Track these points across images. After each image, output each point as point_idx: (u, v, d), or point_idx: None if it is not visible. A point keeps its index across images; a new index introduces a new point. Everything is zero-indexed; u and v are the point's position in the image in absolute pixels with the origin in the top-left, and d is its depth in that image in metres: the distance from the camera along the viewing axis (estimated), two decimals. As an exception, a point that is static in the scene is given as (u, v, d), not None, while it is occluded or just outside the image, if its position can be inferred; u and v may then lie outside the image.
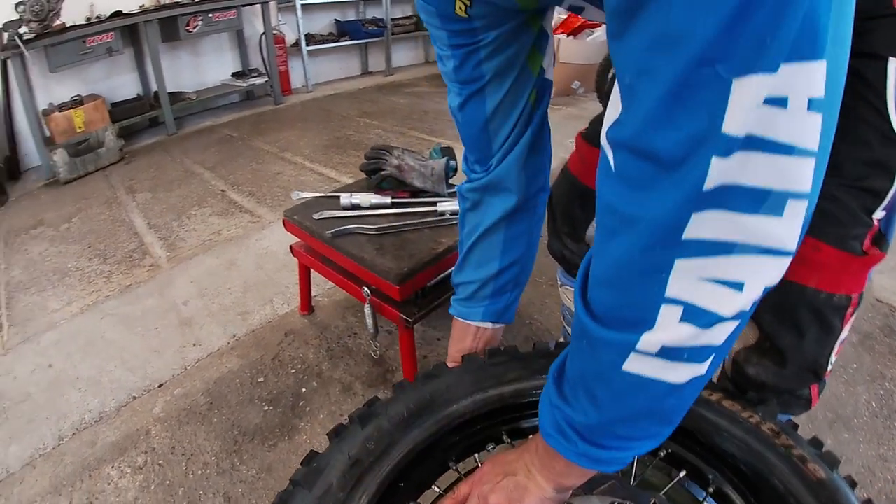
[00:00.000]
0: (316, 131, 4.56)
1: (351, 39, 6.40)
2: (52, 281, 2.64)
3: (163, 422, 1.72)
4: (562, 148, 2.23)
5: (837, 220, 0.79)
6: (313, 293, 2.20)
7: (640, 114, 0.44)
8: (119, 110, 4.59)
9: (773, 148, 0.41)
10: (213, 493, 1.46)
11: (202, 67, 5.45)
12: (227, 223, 3.02)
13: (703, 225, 0.44)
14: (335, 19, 6.48)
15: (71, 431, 1.73)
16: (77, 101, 4.14)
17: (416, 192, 1.85)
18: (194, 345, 2.08)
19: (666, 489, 0.86)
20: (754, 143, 0.41)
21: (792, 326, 0.88)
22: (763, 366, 0.94)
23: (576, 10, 0.83)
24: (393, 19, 6.69)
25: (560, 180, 1.29)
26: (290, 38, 5.92)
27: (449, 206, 1.70)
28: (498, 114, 0.94)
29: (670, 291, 0.48)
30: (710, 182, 0.42)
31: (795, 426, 0.88)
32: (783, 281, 0.48)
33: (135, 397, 1.84)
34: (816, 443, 0.82)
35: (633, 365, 0.54)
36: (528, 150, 0.97)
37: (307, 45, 5.91)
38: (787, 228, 0.44)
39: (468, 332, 1.11)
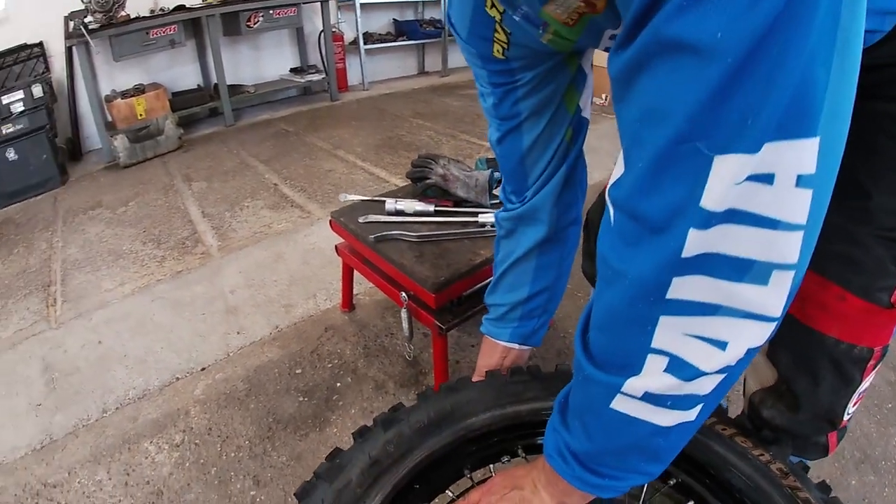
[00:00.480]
0: (369, 130, 4.65)
1: (408, 39, 6.49)
2: (106, 261, 2.78)
3: (202, 403, 1.81)
4: (598, 169, 2.25)
5: (865, 270, 0.78)
6: (355, 291, 2.27)
7: (631, 178, 0.48)
8: (179, 100, 4.77)
9: (756, 221, 0.42)
10: (243, 475, 1.54)
11: (261, 62, 5.61)
12: (278, 217, 3.12)
13: (686, 287, 0.47)
14: (393, 19, 6.58)
15: (115, 406, 1.83)
16: (139, 90, 4.32)
17: (460, 202, 1.89)
18: (238, 332, 2.17)
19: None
20: (736, 217, 0.42)
21: (808, 373, 0.88)
22: (778, 409, 0.94)
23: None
24: (451, 21, 6.72)
25: (597, 202, 1.31)
26: (349, 37, 6.04)
27: (490, 217, 1.74)
28: (534, 149, 0.97)
29: (656, 342, 0.51)
30: (688, 251, 0.45)
31: (806, 468, 0.89)
32: (803, 326, 0.51)
33: (178, 378, 1.94)
34: (824, 487, 0.83)
35: (620, 405, 0.58)
36: (561, 185, 1.00)
37: (365, 43, 6.01)
38: (773, 297, 0.46)
39: (496, 350, 1.16)
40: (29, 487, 1.56)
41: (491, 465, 1.00)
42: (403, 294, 1.65)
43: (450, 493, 0.96)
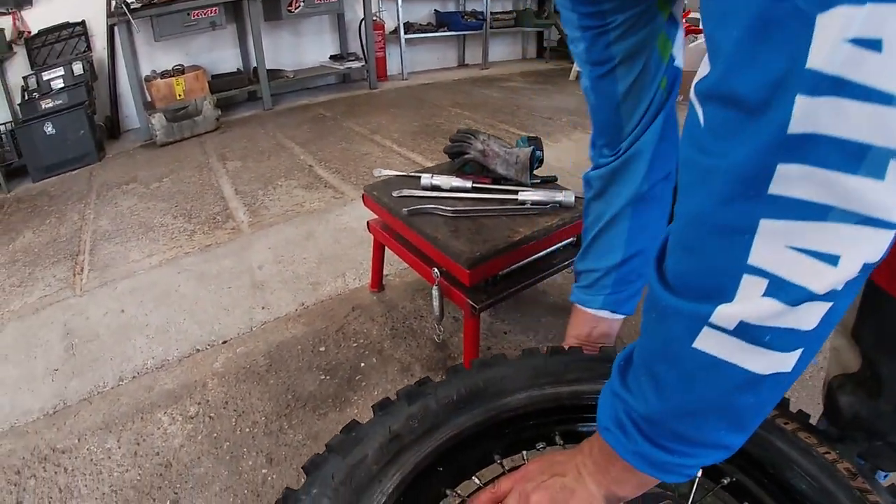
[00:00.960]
0: (407, 118, 4.57)
1: (449, 31, 6.40)
2: (136, 234, 2.75)
3: (221, 377, 1.73)
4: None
5: None
6: (385, 272, 2.18)
7: (722, 59, 0.41)
8: (218, 82, 4.76)
9: (868, 95, 0.34)
10: (256, 452, 1.46)
11: (302, 48, 5.59)
12: (311, 196, 3.05)
13: (792, 180, 0.39)
14: (435, 10, 6.49)
15: (132, 374, 1.78)
16: (179, 70, 4.33)
17: (498, 179, 1.79)
18: (263, 308, 2.10)
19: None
20: (844, 88, 0.35)
21: (894, 353, 0.77)
22: (857, 396, 0.84)
23: None
24: (492, 13, 6.64)
25: None
26: (390, 26, 5.97)
27: (531, 195, 1.63)
28: (630, 96, 0.94)
29: (754, 258, 0.42)
30: (796, 125, 0.37)
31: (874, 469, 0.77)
32: (890, 298, 0.41)
33: (198, 350, 1.87)
34: (896, 492, 0.71)
35: (706, 342, 0.47)
36: (658, 135, 0.97)
37: (405, 33, 5.94)
38: (892, 195, 0.38)
39: (586, 319, 1.12)
40: (37, 451, 1.51)
41: (524, 452, 0.89)
42: (435, 270, 1.55)
43: (476, 481, 0.85)
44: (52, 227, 2.95)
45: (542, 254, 1.65)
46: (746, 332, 0.44)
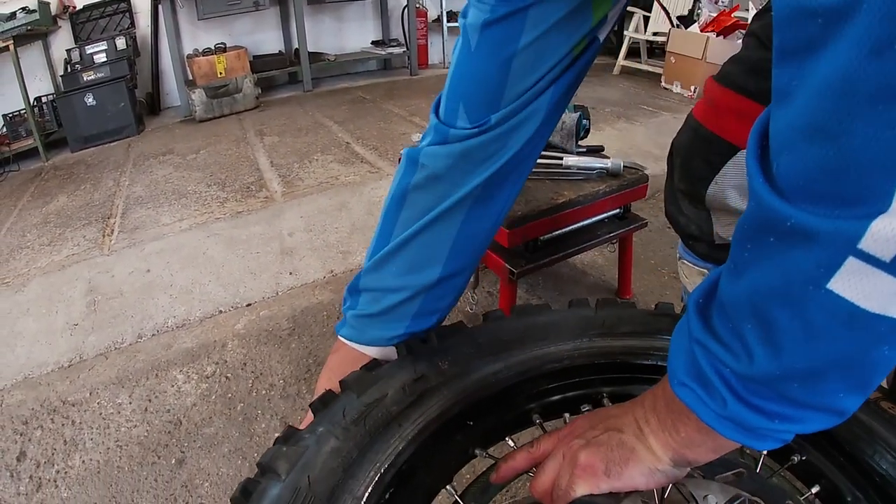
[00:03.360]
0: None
1: (493, 21, 6.27)
2: (168, 199, 2.70)
3: (241, 338, 1.66)
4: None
5: None
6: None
7: None
8: (259, 62, 4.73)
9: None
10: (270, 415, 1.37)
11: (343, 33, 5.54)
12: (347, 170, 2.98)
13: None
14: None
15: (151, 332, 1.71)
16: (221, 49, 4.32)
17: (551, 146, 1.68)
18: (290, 273, 2.02)
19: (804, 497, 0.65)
20: None
21: None
22: None
23: None
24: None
25: (682, 128, 1.05)
26: (433, 14, 5.88)
27: (575, 161, 1.52)
28: (531, 50, 0.67)
29: None
30: None
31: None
32: None
33: (221, 311, 1.80)
34: None
35: (847, 283, 0.33)
36: (545, 112, 0.71)
37: (448, 21, 5.84)
38: None
39: (354, 360, 0.77)
40: (47, 403, 1.45)
41: (566, 415, 0.77)
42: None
43: (511, 444, 0.73)
44: (87, 193, 2.93)
45: (585, 222, 1.53)
46: None
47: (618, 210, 1.59)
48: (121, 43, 4.12)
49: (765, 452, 0.67)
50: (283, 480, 0.53)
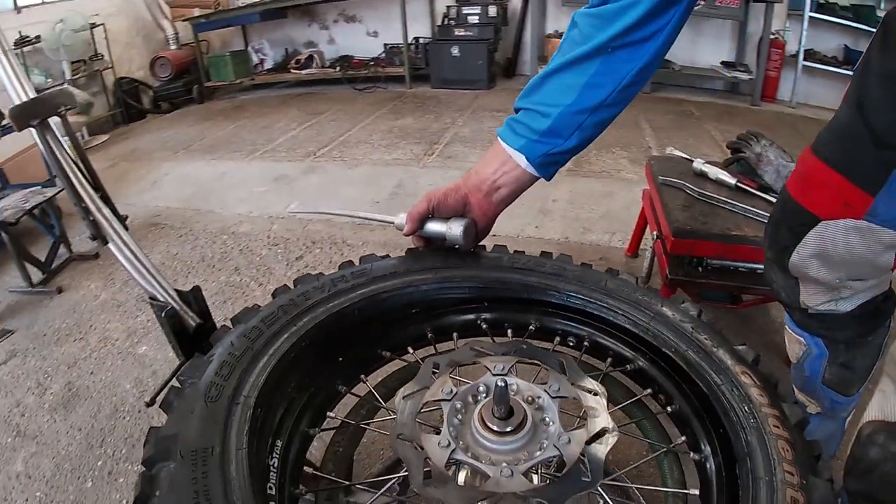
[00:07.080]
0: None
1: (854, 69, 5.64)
2: (485, 145, 3.35)
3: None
4: None
5: None
6: (645, 244, 2.37)
7: None
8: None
9: None
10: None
11: (697, 46, 5.61)
12: (630, 168, 3.33)
13: None
14: (845, 45, 5.78)
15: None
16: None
17: (766, 188, 1.80)
18: (536, 227, 2.52)
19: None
20: None
21: None
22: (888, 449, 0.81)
23: None
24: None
25: (777, 199, 1.13)
26: (791, 48, 5.57)
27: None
28: None
29: None
30: None
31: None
32: None
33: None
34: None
35: None
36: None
37: (805, 59, 5.48)
38: None
39: (497, 156, 1.03)
40: (334, 239, 2.15)
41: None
42: (654, 233, 1.74)
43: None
44: (428, 121, 3.77)
45: (758, 267, 1.59)
46: None
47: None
48: (492, 10, 4.96)
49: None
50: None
